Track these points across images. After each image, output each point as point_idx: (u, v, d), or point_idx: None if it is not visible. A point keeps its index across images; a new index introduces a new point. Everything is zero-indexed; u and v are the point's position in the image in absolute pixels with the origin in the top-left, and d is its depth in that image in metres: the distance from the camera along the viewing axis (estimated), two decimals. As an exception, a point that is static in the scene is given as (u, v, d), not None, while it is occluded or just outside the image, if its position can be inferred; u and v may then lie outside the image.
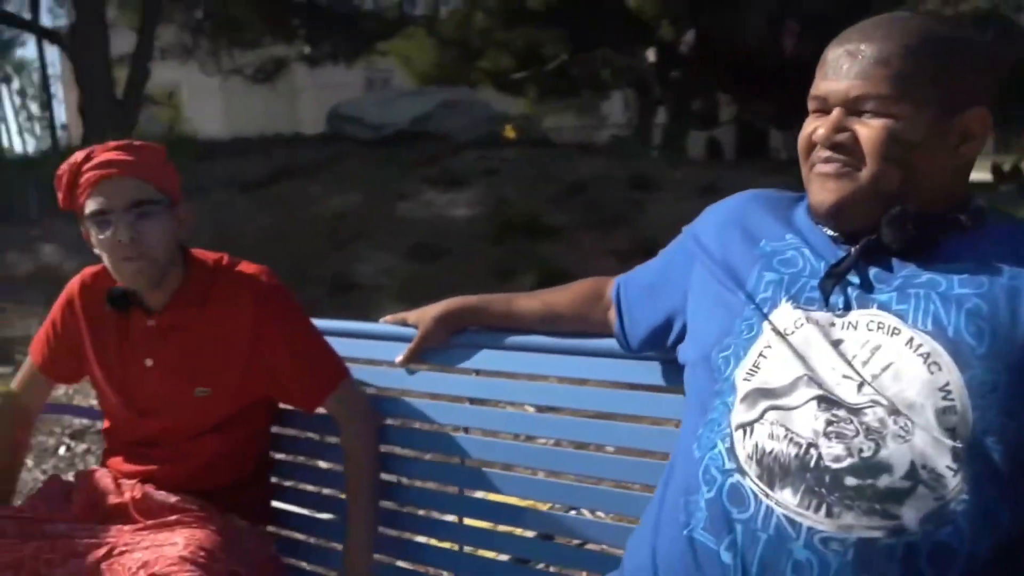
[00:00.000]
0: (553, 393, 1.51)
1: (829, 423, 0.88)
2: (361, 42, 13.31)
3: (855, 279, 0.97)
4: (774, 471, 0.89)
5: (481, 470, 1.55)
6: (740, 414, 0.94)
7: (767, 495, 0.87)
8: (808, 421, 0.90)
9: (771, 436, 0.91)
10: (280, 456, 1.75)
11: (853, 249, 0.98)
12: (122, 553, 1.42)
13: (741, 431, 0.93)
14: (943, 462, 0.84)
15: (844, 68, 0.98)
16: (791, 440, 0.89)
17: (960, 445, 0.84)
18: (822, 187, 0.99)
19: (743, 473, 0.90)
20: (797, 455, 0.88)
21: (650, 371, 1.31)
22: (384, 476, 1.61)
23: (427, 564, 1.61)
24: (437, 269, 4.65)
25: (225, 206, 6.17)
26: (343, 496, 1.58)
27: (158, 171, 1.53)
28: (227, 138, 10.09)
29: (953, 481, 0.83)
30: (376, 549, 1.54)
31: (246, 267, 1.60)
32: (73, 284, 1.62)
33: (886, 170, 0.96)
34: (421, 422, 1.60)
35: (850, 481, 0.85)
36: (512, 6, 14.36)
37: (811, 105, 1.03)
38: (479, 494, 1.55)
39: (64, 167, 1.51)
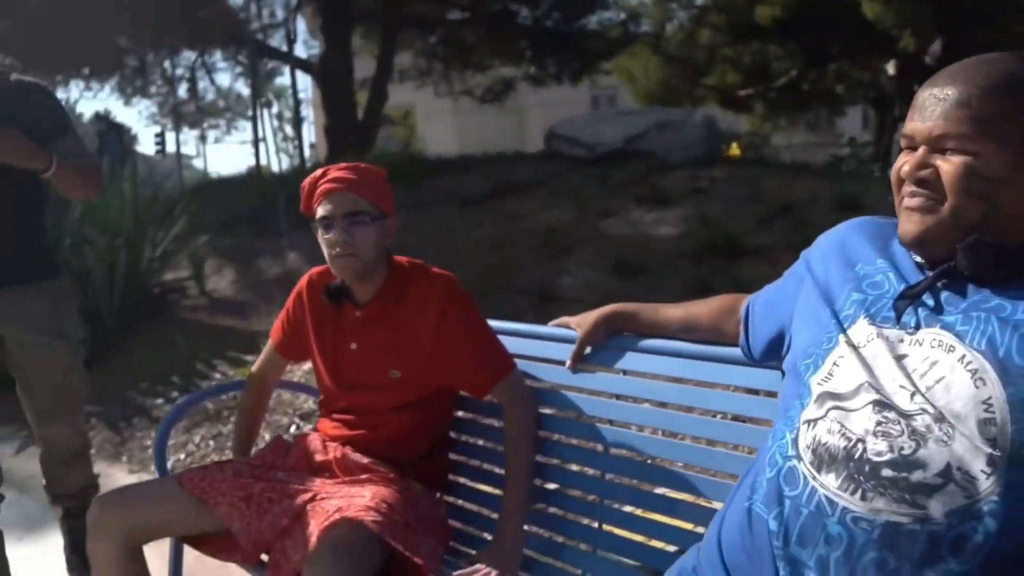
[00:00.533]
0: (690, 394, 1.65)
1: (879, 423, 0.98)
2: (585, 62, 13.64)
3: (930, 301, 1.05)
4: (824, 458, 1.00)
5: (622, 457, 1.72)
6: (809, 412, 1.06)
7: (814, 477, 0.99)
8: (863, 421, 1.00)
9: (829, 431, 1.02)
10: (459, 436, 2.02)
11: (931, 274, 1.07)
12: (323, 499, 1.72)
13: (806, 425, 1.05)
14: (978, 466, 0.91)
15: (930, 110, 1.05)
16: (844, 435, 1.00)
17: (998, 453, 0.91)
18: (908, 219, 1.08)
19: (799, 459, 1.02)
20: (845, 447, 0.99)
21: (773, 378, 1.43)
22: (539, 459, 1.83)
23: (569, 536, 1.78)
24: (636, 285, 4.79)
25: (447, 220, 6.67)
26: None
27: (374, 189, 1.82)
28: (454, 156, 10.78)
29: (986, 484, 0.90)
30: (527, 521, 1.74)
31: (436, 273, 1.87)
32: (303, 280, 1.96)
33: (967, 204, 1.02)
34: (573, 412, 1.81)
35: (886, 472, 0.95)
36: (740, 21, 14.12)
37: (903, 143, 1.11)
38: (617, 479, 1.73)
39: (307, 180, 1.85)
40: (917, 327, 1.04)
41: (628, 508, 1.70)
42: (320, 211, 1.81)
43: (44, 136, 2.20)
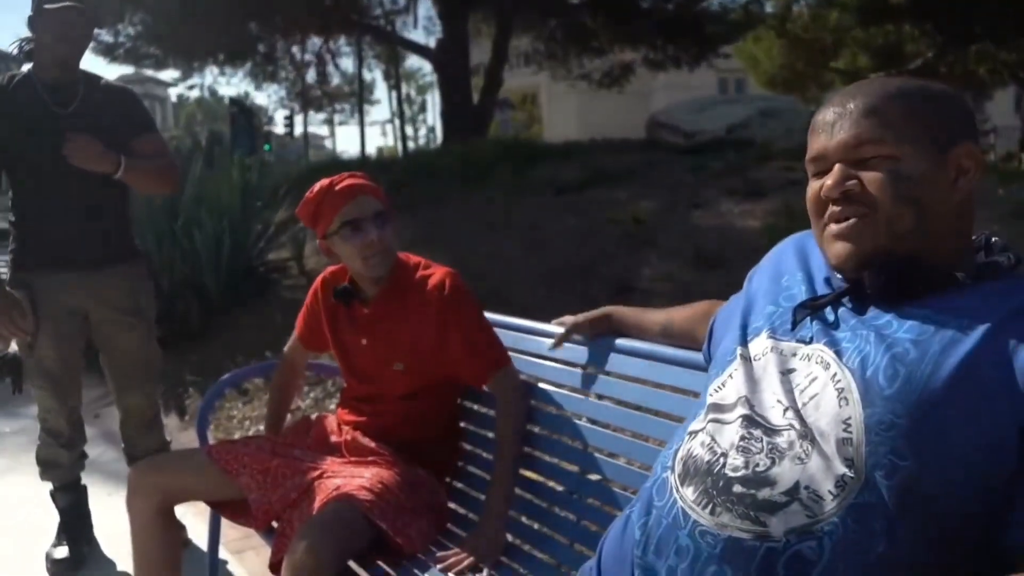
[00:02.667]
0: (660, 398, 1.69)
1: (743, 439, 1.00)
2: (704, 46, 13.35)
3: (829, 316, 1.05)
4: (689, 471, 1.03)
5: (595, 455, 1.77)
6: (696, 424, 1.09)
7: (677, 490, 1.02)
8: (730, 435, 1.02)
9: (702, 444, 1.04)
10: (474, 428, 2.11)
11: (837, 289, 1.08)
12: (329, 477, 1.87)
13: (690, 436, 1.08)
14: (827, 486, 0.92)
15: (836, 125, 1.05)
16: (711, 449, 1.03)
17: (851, 474, 0.91)
18: (839, 241, 1.05)
19: (672, 471, 1.05)
20: (708, 461, 1.01)
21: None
22: (527, 450, 1.91)
23: (550, 527, 1.83)
24: (713, 278, 4.74)
25: (540, 207, 6.75)
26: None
27: (379, 191, 1.95)
28: (560, 142, 10.81)
29: (830, 505, 0.91)
30: (512, 507, 1.82)
31: (437, 269, 1.97)
32: (318, 280, 2.10)
33: (899, 209, 1.00)
34: (559, 409, 1.88)
35: (737, 488, 0.96)
36: (871, 1, 13.46)
37: (810, 170, 1.10)
38: (594, 477, 1.80)
39: (313, 194, 1.92)
40: (810, 341, 1.04)
41: (605, 506, 1.76)
42: (344, 216, 1.89)
43: (124, 136, 2.46)
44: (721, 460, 1.00)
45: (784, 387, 1.02)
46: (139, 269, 2.65)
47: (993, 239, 1.10)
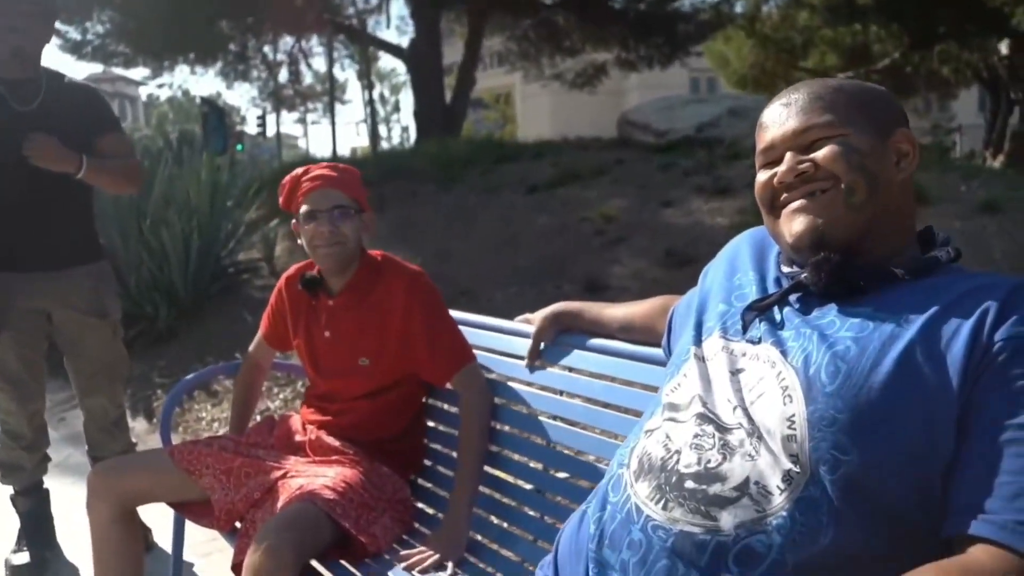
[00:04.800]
0: (625, 395, 1.70)
1: (696, 436, 1.02)
2: (675, 46, 13.44)
3: (776, 315, 1.07)
4: (644, 467, 1.04)
5: (562, 452, 1.79)
6: (652, 422, 1.11)
7: (631, 485, 1.04)
8: (684, 433, 1.03)
9: (657, 441, 1.06)
10: (436, 425, 2.12)
11: (781, 289, 1.10)
12: (292, 476, 1.86)
13: (646, 435, 1.09)
14: (775, 481, 0.94)
15: (783, 116, 1.09)
16: (666, 446, 1.04)
17: (797, 469, 0.93)
18: (800, 220, 1.07)
19: (628, 467, 1.07)
20: (663, 458, 1.03)
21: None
22: (492, 447, 1.92)
23: (512, 523, 1.84)
24: (682, 276, 4.78)
25: (511, 206, 6.76)
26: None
27: (353, 187, 1.94)
28: (531, 141, 10.83)
29: (779, 499, 0.93)
30: (477, 505, 1.83)
31: (404, 266, 1.97)
32: (282, 278, 2.09)
33: (855, 178, 1.04)
34: (523, 406, 1.89)
35: (689, 484, 0.98)
36: (839, 1, 13.62)
37: (759, 162, 1.13)
38: (561, 474, 1.81)
39: (288, 178, 1.95)
40: (759, 341, 1.06)
41: (572, 504, 1.76)
42: (306, 206, 1.92)
43: (88, 134, 2.43)
44: (675, 457, 1.02)
45: (734, 386, 1.04)
46: (103, 270, 2.62)
47: (937, 233, 1.13)
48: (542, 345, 1.84)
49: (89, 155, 2.36)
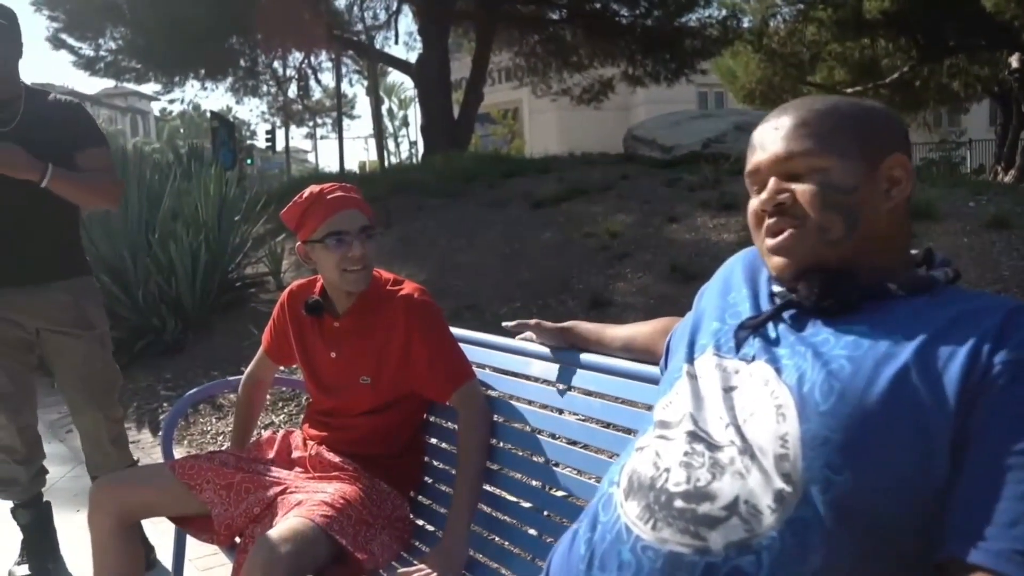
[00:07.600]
0: (624, 414, 1.70)
1: (686, 454, 1.00)
2: (682, 61, 13.47)
3: (771, 333, 1.06)
4: (634, 486, 1.03)
5: (560, 471, 1.78)
6: (644, 440, 1.09)
7: (621, 505, 1.02)
8: (674, 451, 1.02)
9: (647, 459, 1.04)
10: (438, 443, 2.10)
11: (773, 307, 1.10)
12: (292, 492, 1.87)
13: (638, 452, 1.08)
14: (766, 501, 0.92)
15: (769, 140, 1.09)
16: (655, 464, 1.03)
17: (789, 489, 0.91)
18: (777, 257, 1.08)
19: (618, 486, 1.06)
20: (652, 476, 1.01)
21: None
22: (491, 465, 1.92)
23: (511, 542, 1.84)
24: (687, 292, 4.77)
25: (517, 220, 6.78)
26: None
27: (366, 206, 1.95)
28: (539, 156, 10.86)
29: (769, 519, 0.91)
30: (475, 522, 1.82)
31: (406, 286, 1.97)
32: (285, 293, 2.10)
33: (829, 218, 1.03)
34: (523, 424, 1.89)
35: (678, 503, 0.96)
36: (847, 16, 13.60)
37: (748, 184, 1.13)
38: (559, 493, 1.80)
39: (304, 198, 1.91)
40: (752, 359, 1.05)
41: (570, 523, 1.76)
42: (330, 226, 1.88)
43: (67, 148, 2.39)
44: (664, 475, 1.01)
45: (726, 404, 1.03)
46: (85, 284, 2.56)
47: (936, 255, 1.13)
48: (534, 337, 1.87)
49: (65, 168, 2.31)
